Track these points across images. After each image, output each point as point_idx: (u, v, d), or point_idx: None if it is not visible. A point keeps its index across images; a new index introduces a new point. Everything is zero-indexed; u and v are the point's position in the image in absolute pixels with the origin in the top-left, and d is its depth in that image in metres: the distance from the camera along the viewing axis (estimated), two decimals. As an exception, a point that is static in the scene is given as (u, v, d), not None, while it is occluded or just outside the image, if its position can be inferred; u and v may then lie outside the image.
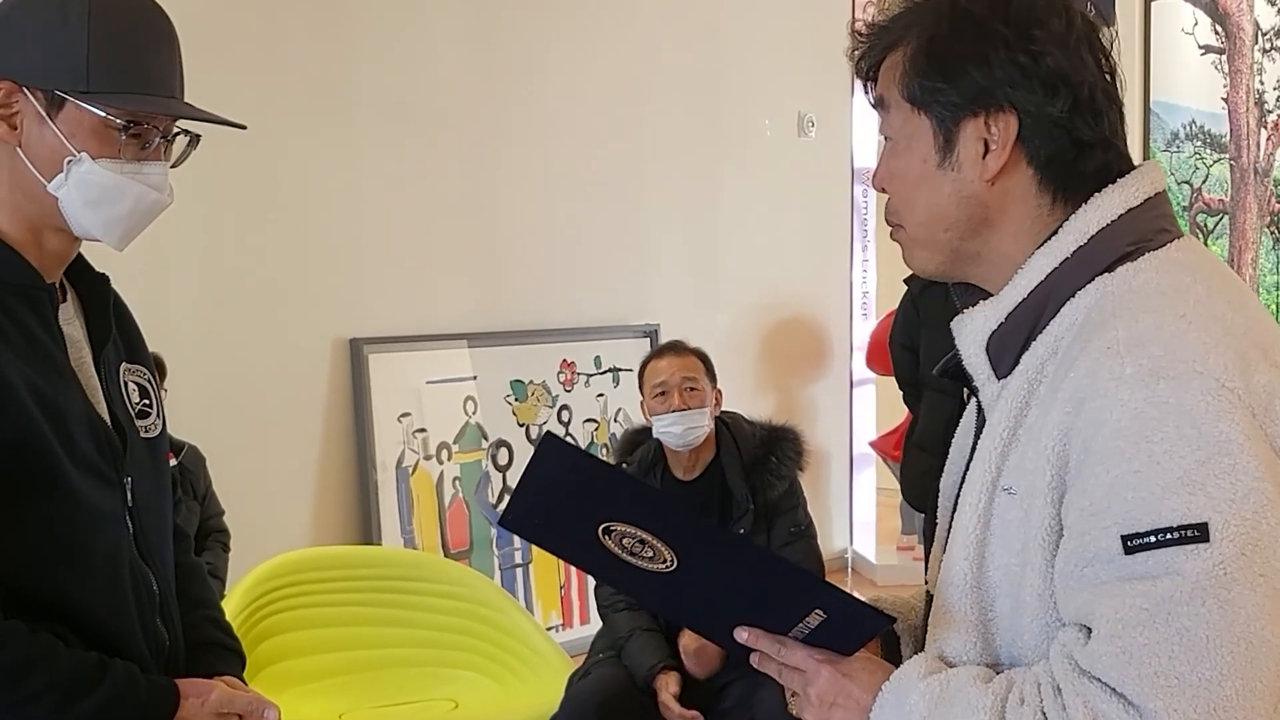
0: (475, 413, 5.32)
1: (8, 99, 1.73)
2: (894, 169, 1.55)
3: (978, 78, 1.46)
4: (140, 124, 1.75)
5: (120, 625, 1.81)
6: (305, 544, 4.75)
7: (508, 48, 5.48)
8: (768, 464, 3.93)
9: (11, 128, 1.73)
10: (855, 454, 7.07)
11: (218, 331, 4.64)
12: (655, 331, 5.88)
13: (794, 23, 6.56)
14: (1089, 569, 1.33)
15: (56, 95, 1.72)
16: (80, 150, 1.73)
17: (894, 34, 1.54)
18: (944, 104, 1.48)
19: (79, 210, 1.75)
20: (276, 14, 4.77)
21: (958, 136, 1.49)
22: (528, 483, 1.53)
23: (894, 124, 1.54)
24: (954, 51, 1.47)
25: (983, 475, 1.48)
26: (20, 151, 1.74)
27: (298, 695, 4.09)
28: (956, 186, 1.50)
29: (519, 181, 5.52)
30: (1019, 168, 1.48)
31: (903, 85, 1.51)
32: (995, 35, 1.46)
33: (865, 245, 7.04)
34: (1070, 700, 1.32)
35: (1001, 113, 1.46)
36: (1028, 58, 1.45)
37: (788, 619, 1.51)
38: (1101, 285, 1.44)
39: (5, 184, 1.76)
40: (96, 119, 1.72)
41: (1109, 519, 1.31)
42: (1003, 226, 1.50)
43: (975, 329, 1.52)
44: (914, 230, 1.55)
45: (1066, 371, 1.39)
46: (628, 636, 3.86)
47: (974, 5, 1.48)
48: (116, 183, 1.75)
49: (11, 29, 1.75)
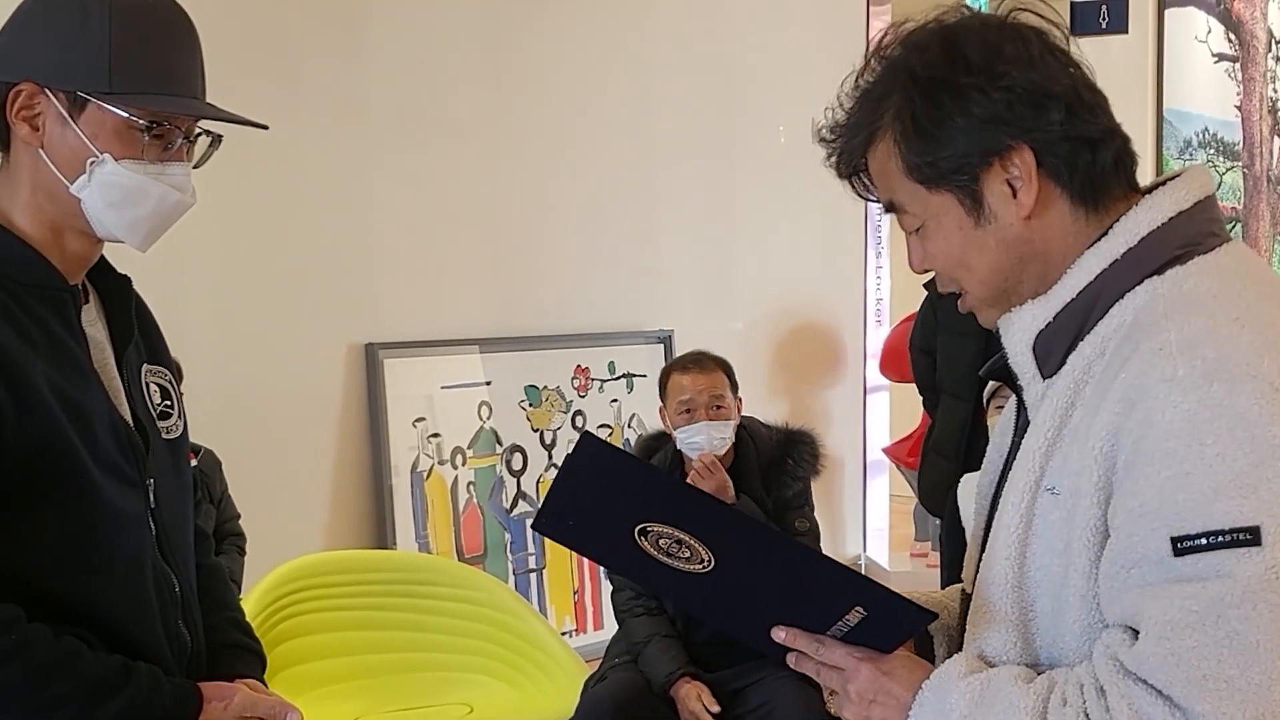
0: (489, 418, 5.32)
1: (30, 100, 1.72)
2: (933, 250, 1.54)
3: (972, 132, 1.46)
4: (163, 124, 1.75)
5: (143, 627, 1.80)
6: (320, 548, 4.75)
7: (522, 55, 5.48)
8: (784, 465, 3.94)
9: (34, 129, 1.73)
10: (869, 460, 7.06)
11: (234, 336, 4.65)
12: (669, 337, 5.88)
13: (808, 29, 6.55)
14: (1136, 570, 1.33)
15: (78, 96, 1.71)
16: (103, 151, 1.72)
17: (865, 128, 1.53)
18: (955, 170, 1.48)
19: (101, 211, 1.75)
20: (293, 23, 4.77)
21: (983, 191, 1.48)
22: (563, 482, 1.53)
23: (915, 214, 1.54)
24: (939, 118, 1.47)
25: (1025, 475, 1.47)
26: (43, 153, 1.74)
27: (313, 699, 4.08)
28: (1000, 236, 1.49)
29: (533, 187, 5.52)
30: (1049, 193, 1.48)
31: (909, 173, 1.50)
32: (966, 87, 1.45)
33: (879, 252, 7.03)
34: (1115, 702, 1.31)
35: (1012, 150, 1.46)
36: (1004, 92, 1.45)
37: (826, 617, 1.51)
38: (1151, 287, 1.43)
39: (28, 186, 1.76)
40: (119, 119, 1.72)
41: (1158, 520, 1.31)
42: (1052, 253, 1.50)
43: (1022, 328, 1.52)
44: (978, 292, 1.54)
45: (1116, 373, 1.38)
46: (645, 642, 3.86)
47: (933, 71, 1.48)
48: (139, 183, 1.74)
49: (32, 30, 1.74)
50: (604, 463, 1.52)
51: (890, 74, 1.51)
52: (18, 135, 1.74)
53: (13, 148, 1.77)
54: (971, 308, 1.58)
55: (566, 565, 5.49)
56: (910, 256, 1.59)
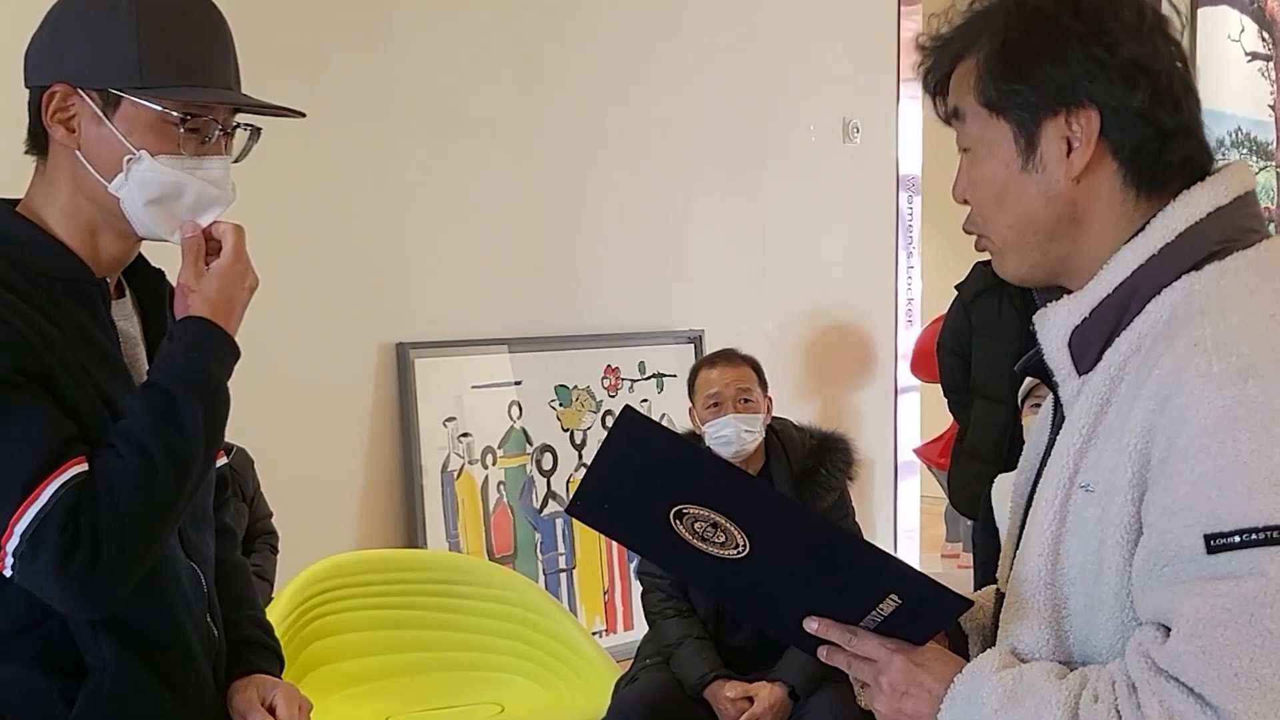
0: (520, 418, 5.32)
1: (64, 102, 1.73)
2: (976, 177, 1.54)
3: (1055, 75, 1.45)
4: (198, 116, 1.75)
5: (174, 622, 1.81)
6: (352, 547, 4.76)
7: (552, 54, 5.49)
8: (817, 475, 3.91)
9: (70, 130, 1.74)
10: (900, 462, 7.05)
11: (265, 336, 4.63)
12: (700, 337, 5.87)
13: (839, 28, 6.54)
14: (1169, 568, 1.32)
15: (111, 94, 1.72)
16: (139, 148, 1.72)
17: (961, 43, 1.53)
18: (1023, 105, 1.47)
19: (140, 209, 1.75)
20: (321, 21, 4.78)
21: (1039, 137, 1.47)
22: (602, 459, 1.52)
23: (971, 133, 1.53)
24: (1029, 51, 1.46)
25: (1060, 471, 1.47)
26: (80, 154, 1.74)
27: (344, 698, 4.10)
28: (1042, 188, 1.49)
29: (564, 187, 5.52)
30: (1103, 163, 1.47)
31: (979, 91, 1.50)
32: (1069, 31, 1.44)
33: (910, 252, 7.01)
34: (1146, 699, 1.30)
35: (1082, 109, 1.45)
36: (1103, 50, 1.44)
37: (860, 606, 1.50)
38: (1189, 283, 1.42)
39: (66, 188, 1.77)
40: (153, 114, 1.72)
41: (1191, 517, 1.30)
42: (1089, 225, 1.49)
43: (1058, 324, 1.51)
44: (1000, 235, 1.54)
45: (1151, 369, 1.37)
46: (678, 644, 3.85)
47: (1043, 3, 1.47)
48: (177, 179, 1.75)
49: (62, 32, 1.75)
50: (644, 436, 1.51)
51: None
52: (54, 138, 1.75)
53: (50, 151, 1.78)
54: (990, 251, 1.57)
55: (597, 565, 5.49)
56: (955, 183, 1.58)
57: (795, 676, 3.78)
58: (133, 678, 1.74)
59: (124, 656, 1.73)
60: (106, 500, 1.62)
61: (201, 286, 1.80)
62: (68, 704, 1.71)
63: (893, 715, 1.51)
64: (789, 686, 3.78)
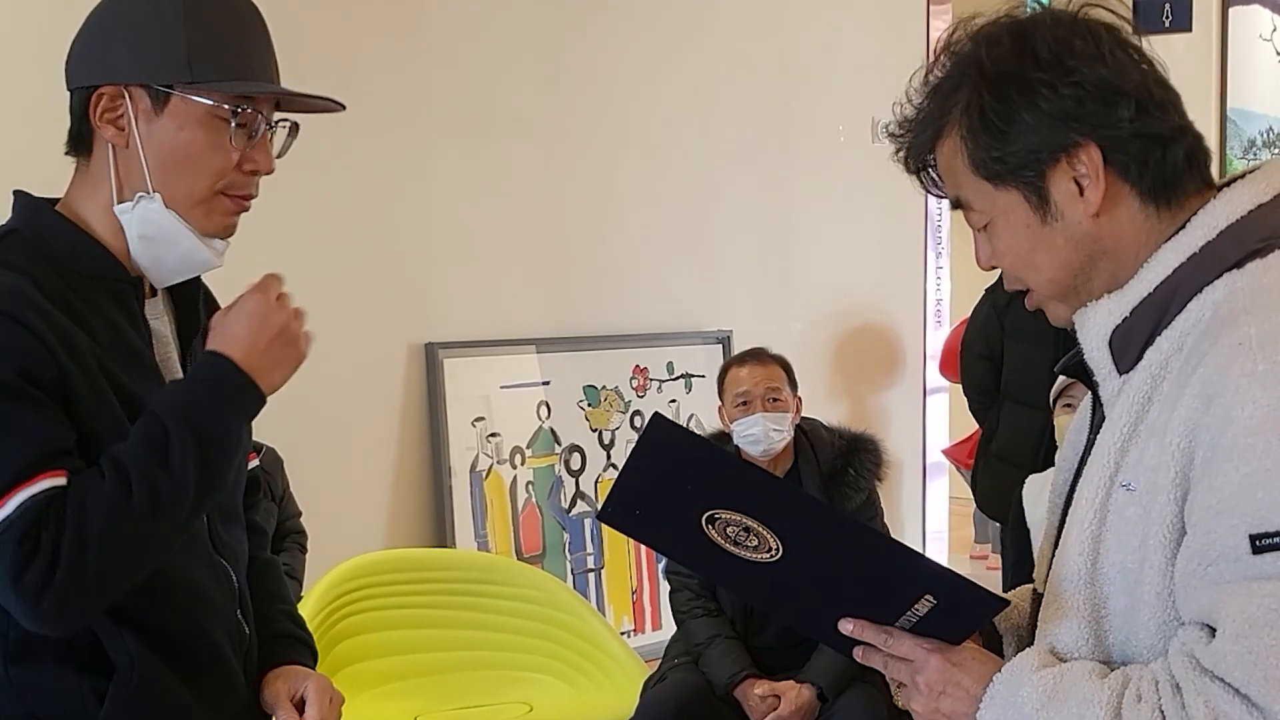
0: (548, 418, 5.33)
1: (113, 102, 1.74)
2: (1001, 249, 1.53)
3: (1041, 126, 1.45)
4: (247, 109, 1.76)
5: (204, 620, 1.82)
6: (380, 546, 4.77)
7: (580, 55, 5.49)
8: (846, 475, 3.90)
9: (119, 129, 1.75)
10: (928, 462, 7.03)
11: (295, 335, 4.67)
12: (728, 338, 5.87)
13: (867, 27, 6.53)
14: (1214, 568, 1.31)
15: (161, 91, 1.73)
16: (155, 191, 1.74)
17: (932, 123, 1.52)
18: (1022, 166, 1.46)
19: (135, 240, 1.77)
20: (351, 21, 4.80)
21: (1049, 189, 1.47)
22: (633, 466, 1.52)
23: (983, 209, 1.53)
24: (1007, 114, 1.46)
25: (1100, 470, 1.46)
26: (126, 153, 1.76)
27: (373, 697, 4.11)
28: (1067, 234, 1.48)
29: (592, 187, 5.53)
30: (1116, 190, 1.47)
31: (975, 169, 1.49)
32: (1035, 82, 1.44)
33: (939, 252, 6.99)
34: (1191, 700, 1.30)
35: (1080, 148, 1.45)
36: (1074, 87, 1.44)
37: (895, 607, 1.50)
38: (1231, 281, 1.41)
39: (110, 187, 1.78)
40: (204, 108, 1.74)
41: (1236, 517, 1.29)
42: (1121, 251, 1.49)
43: (1098, 323, 1.50)
44: (1045, 290, 1.53)
45: (1194, 368, 1.36)
46: (707, 644, 3.85)
47: (1002, 66, 1.47)
48: (176, 230, 1.76)
49: (107, 33, 1.77)
50: (675, 444, 1.51)
51: (960, 68, 1.51)
52: (104, 137, 1.76)
53: (95, 151, 1.78)
54: (1039, 304, 1.57)
55: (625, 565, 5.49)
56: (977, 253, 1.58)
57: (823, 677, 3.77)
58: (158, 675, 1.74)
59: (148, 654, 1.73)
60: (74, 519, 1.60)
61: (224, 320, 1.79)
62: (99, 700, 1.71)
63: (930, 715, 1.51)
64: (817, 688, 3.78)
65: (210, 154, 1.76)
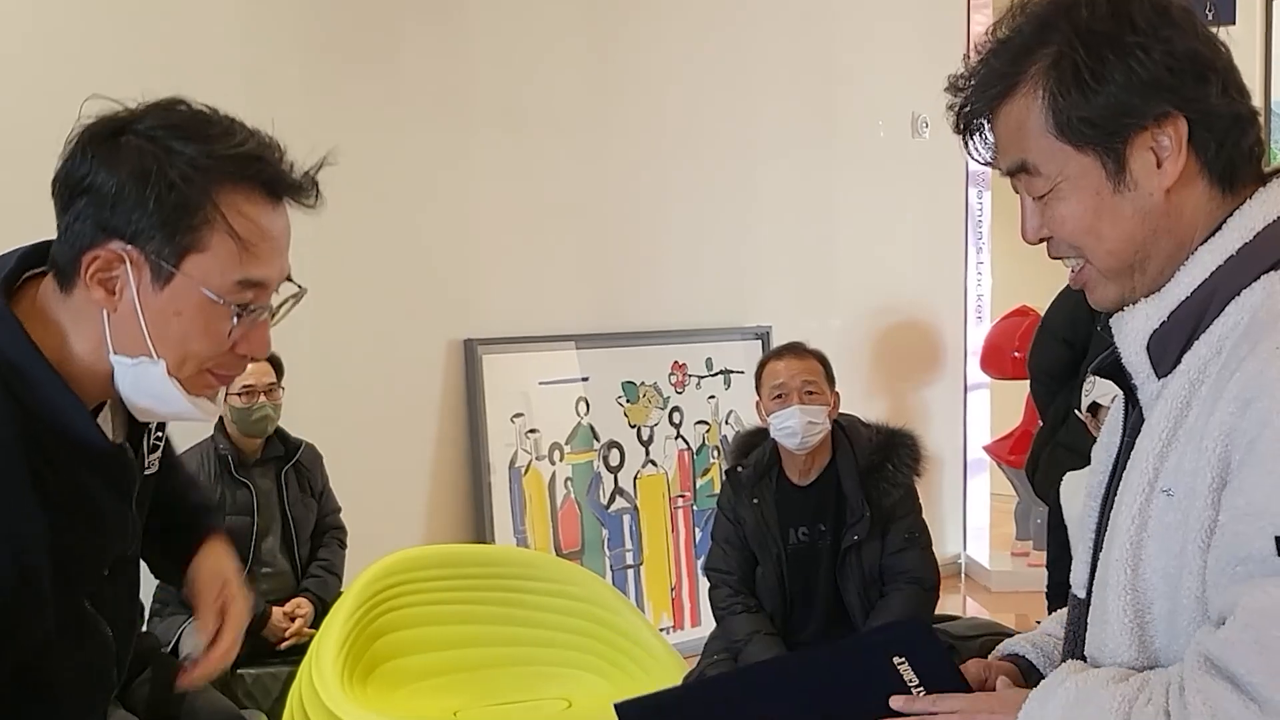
0: (587, 414, 5.33)
1: (107, 265, 1.55)
2: (1062, 214, 1.49)
3: (1133, 92, 1.42)
4: (252, 303, 1.60)
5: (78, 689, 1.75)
6: (419, 542, 4.79)
7: (620, 51, 5.49)
8: (884, 470, 3.87)
9: (109, 294, 1.56)
10: (969, 459, 7.00)
11: (335, 333, 4.69)
12: (767, 334, 5.86)
13: (907, 22, 6.51)
14: (1240, 567, 1.30)
15: (164, 268, 1.54)
16: (159, 357, 1.58)
17: (1003, 78, 1.49)
18: (1108, 130, 1.43)
19: (127, 388, 1.62)
20: (393, 19, 4.81)
21: (1129, 156, 1.44)
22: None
23: (1050, 176, 1.48)
24: (1101, 75, 1.43)
25: (1140, 476, 1.45)
26: (107, 317, 1.58)
27: (412, 693, 4.11)
28: (1137, 205, 1.45)
29: (631, 183, 5.53)
30: (1190, 167, 1.44)
31: (1058, 127, 1.45)
32: (1133, 45, 1.42)
33: (979, 248, 6.96)
34: (1191, 697, 1.30)
35: (1168, 118, 1.42)
36: (1167, 56, 1.41)
37: (897, 684, 1.55)
38: (1269, 284, 1.40)
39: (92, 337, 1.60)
40: (206, 300, 1.57)
41: (1265, 519, 1.28)
42: (1181, 232, 1.46)
43: (1136, 327, 1.49)
44: (1104, 262, 1.49)
45: (1233, 372, 1.35)
46: (746, 640, 3.83)
47: (1096, 25, 1.43)
48: (173, 395, 1.61)
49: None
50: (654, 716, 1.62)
51: (1043, 26, 1.47)
52: (90, 297, 1.57)
53: (79, 294, 1.58)
54: (1087, 281, 1.53)
55: (664, 562, 5.49)
56: (1024, 225, 1.53)
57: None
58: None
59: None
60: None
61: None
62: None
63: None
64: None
65: (204, 340, 1.59)
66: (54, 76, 3.97)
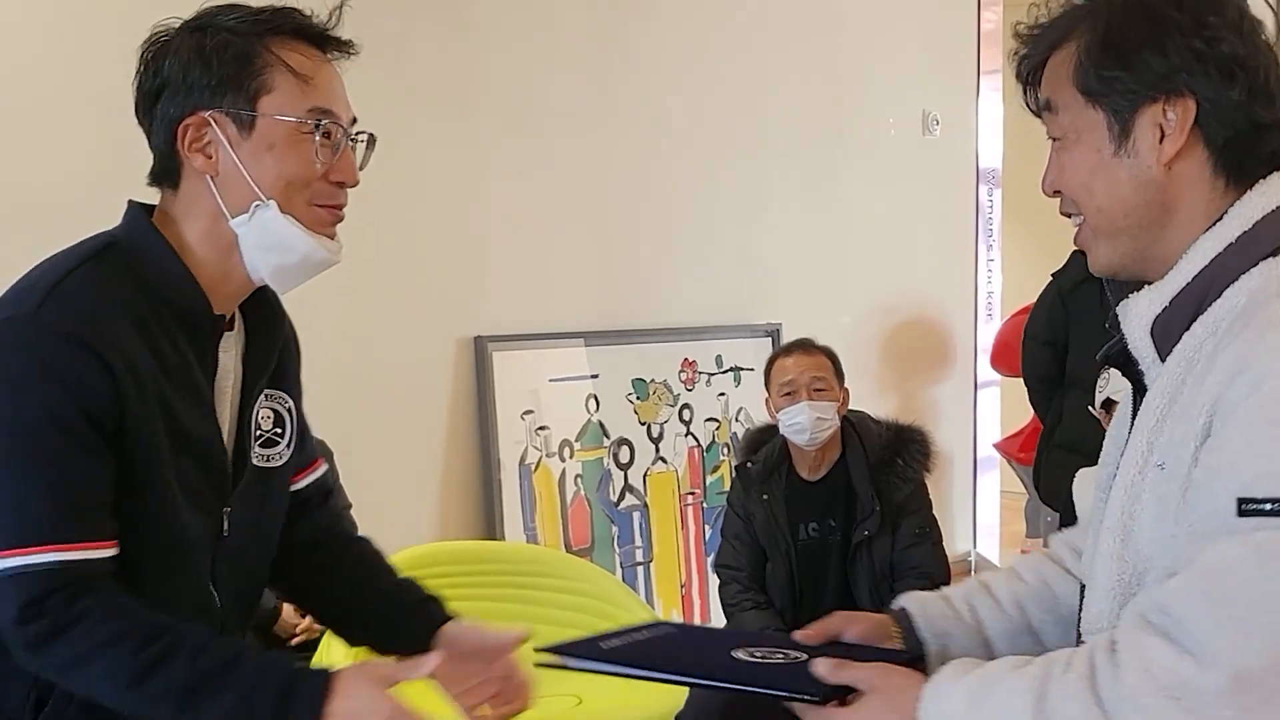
0: (597, 411, 5.34)
1: (199, 132, 1.77)
2: (1065, 162, 1.56)
3: (1155, 64, 1.47)
4: (327, 122, 1.82)
5: None
6: (430, 538, 4.79)
7: (628, 48, 5.49)
8: (894, 466, 3.89)
9: (208, 157, 1.78)
10: (979, 456, 7.00)
11: (345, 329, 4.70)
12: (777, 331, 5.86)
13: (918, 20, 6.50)
14: (1200, 524, 1.33)
15: (245, 115, 1.77)
16: (269, 197, 1.78)
17: (1057, 32, 1.56)
18: (1121, 93, 1.49)
19: (253, 251, 1.81)
20: (403, 17, 4.81)
21: (1134, 124, 1.50)
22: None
23: (1063, 122, 1.56)
24: (1131, 40, 1.49)
25: (1135, 450, 1.49)
26: (212, 183, 1.79)
27: (424, 688, 4.12)
28: (1133, 173, 1.51)
29: (641, 180, 5.53)
30: (1195, 151, 1.49)
31: (1078, 78, 1.52)
32: (1172, 22, 1.47)
33: (990, 245, 6.95)
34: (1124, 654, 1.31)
35: (1180, 98, 1.47)
36: (1204, 44, 1.46)
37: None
38: (1266, 269, 1.44)
39: (208, 214, 1.80)
40: (289, 126, 1.78)
41: (1232, 479, 1.31)
42: (1178, 211, 1.51)
43: (1139, 314, 1.53)
44: (1094, 219, 1.56)
45: (1225, 348, 1.39)
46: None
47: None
48: (293, 234, 1.80)
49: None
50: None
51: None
52: (193, 167, 1.78)
53: (184, 179, 1.81)
54: (1085, 240, 1.59)
55: (674, 559, 5.49)
56: (1045, 175, 1.60)
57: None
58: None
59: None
60: (85, 634, 1.61)
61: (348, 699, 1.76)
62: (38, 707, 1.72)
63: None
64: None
65: (298, 165, 1.79)
66: (57, 77, 3.99)
